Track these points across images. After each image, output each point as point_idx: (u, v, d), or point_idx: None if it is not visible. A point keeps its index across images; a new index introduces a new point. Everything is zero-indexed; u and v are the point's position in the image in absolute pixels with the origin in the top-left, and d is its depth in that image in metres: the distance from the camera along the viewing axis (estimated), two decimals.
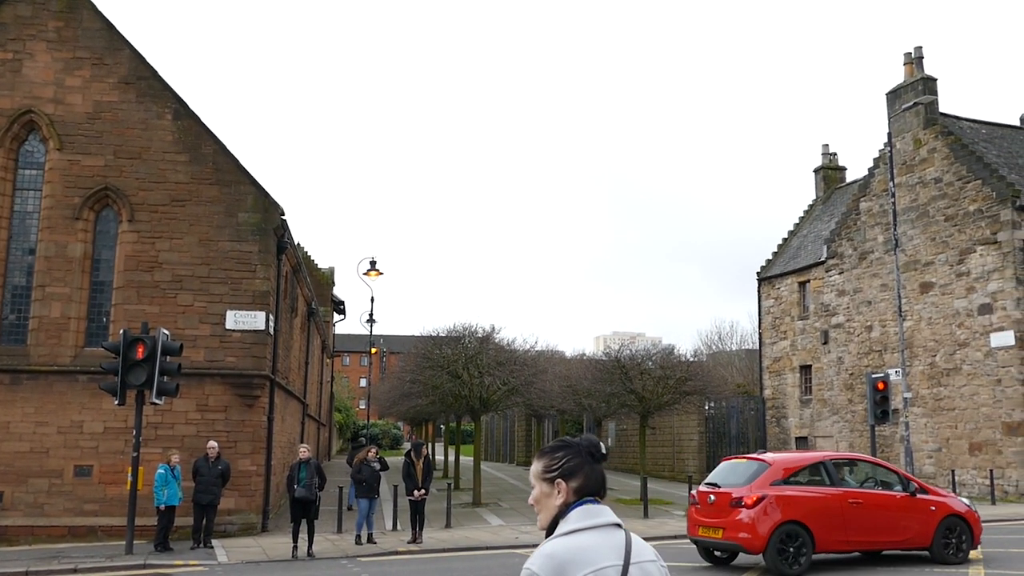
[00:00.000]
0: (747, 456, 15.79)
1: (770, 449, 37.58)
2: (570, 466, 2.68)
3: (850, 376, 33.33)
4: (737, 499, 13.57)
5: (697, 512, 14.40)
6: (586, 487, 2.66)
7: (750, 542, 13.35)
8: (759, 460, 14.52)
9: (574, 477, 2.67)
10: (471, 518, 22.45)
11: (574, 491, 2.66)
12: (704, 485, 14.74)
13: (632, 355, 27.39)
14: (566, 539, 2.53)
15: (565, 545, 2.51)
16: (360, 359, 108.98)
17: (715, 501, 13.97)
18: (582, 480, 2.67)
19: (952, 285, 29.08)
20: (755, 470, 14.12)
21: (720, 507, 13.82)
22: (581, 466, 2.68)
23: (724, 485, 14.23)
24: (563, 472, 2.67)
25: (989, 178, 28.17)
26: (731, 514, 13.56)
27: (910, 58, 31.61)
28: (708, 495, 14.18)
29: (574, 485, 2.66)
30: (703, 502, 14.26)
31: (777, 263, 39.75)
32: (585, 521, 2.58)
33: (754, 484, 13.71)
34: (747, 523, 13.30)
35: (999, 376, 27.23)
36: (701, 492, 14.47)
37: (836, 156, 42.46)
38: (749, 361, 60.29)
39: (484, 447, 59.57)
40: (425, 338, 28.52)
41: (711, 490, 14.26)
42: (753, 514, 13.31)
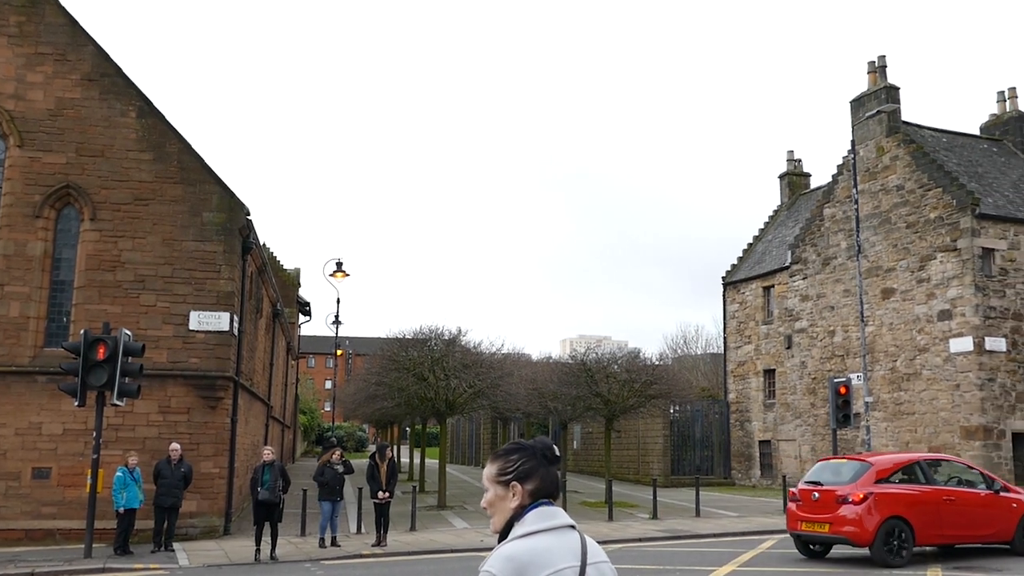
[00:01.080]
0: (847, 456, 17.57)
1: (734, 454, 37.91)
2: (525, 469, 2.69)
3: (813, 380, 33.69)
4: (844, 496, 14.61)
5: (799, 508, 15.39)
6: (541, 489, 2.68)
7: (858, 536, 14.44)
8: (862, 460, 15.76)
9: (529, 480, 2.68)
10: (436, 521, 22.39)
11: (529, 493, 2.67)
12: (804, 484, 15.82)
13: (598, 358, 27.47)
14: (524, 541, 2.54)
15: (524, 547, 2.52)
16: (326, 361, 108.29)
17: (819, 498, 15.03)
18: (537, 482, 2.68)
19: (913, 291, 29.50)
20: (858, 470, 15.22)
21: (825, 504, 14.87)
22: (536, 469, 2.69)
23: (827, 484, 15.30)
24: (518, 475, 2.68)
25: (949, 186, 28.62)
26: (838, 510, 14.62)
27: (874, 67, 32.05)
28: (811, 493, 15.24)
29: (529, 487, 2.67)
30: (806, 499, 15.29)
31: (742, 268, 40.11)
32: (542, 523, 2.59)
33: (859, 482, 14.79)
34: (854, 518, 14.41)
35: (958, 381, 27.66)
36: (803, 490, 15.51)
37: (801, 163, 42.99)
38: (714, 365, 60.82)
39: (450, 450, 59.42)
40: (391, 340, 28.41)
41: (814, 488, 15.31)
42: (860, 510, 14.41)
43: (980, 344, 27.25)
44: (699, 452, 38.03)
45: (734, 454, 38.10)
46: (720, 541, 18.46)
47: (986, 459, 26.68)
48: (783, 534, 19.39)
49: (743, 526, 20.77)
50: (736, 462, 37.99)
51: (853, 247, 29.41)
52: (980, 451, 26.79)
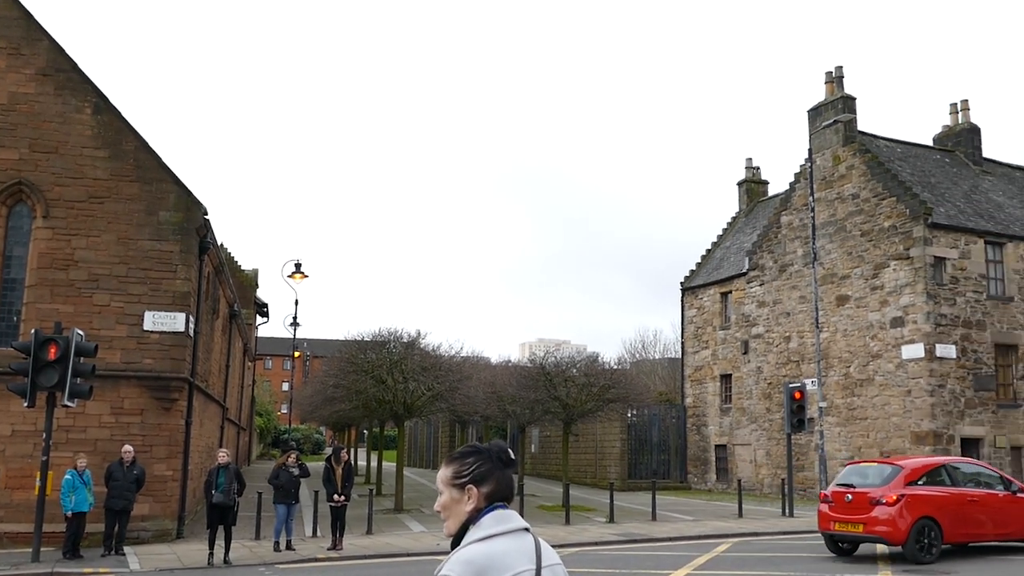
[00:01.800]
0: (877, 460, 18.78)
1: (690, 458, 38.23)
2: (481, 472, 2.69)
3: (768, 385, 34.09)
4: (877, 498, 15.52)
5: (832, 509, 16.23)
6: (497, 492, 2.68)
7: (892, 535, 15.36)
8: (892, 464, 16.69)
9: (485, 483, 2.68)
10: (393, 524, 22.29)
11: (485, 497, 2.67)
12: (836, 486, 16.63)
13: (557, 362, 27.56)
14: (482, 545, 2.55)
15: (482, 551, 2.52)
16: (283, 363, 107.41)
17: (853, 500, 15.89)
18: (493, 485, 2.68)
19: (867, 298, 29.98)
20: (890, 473, 16.16)
21: (859, 505, 15.75)
22: (492, 472, 2.70)
23: (859, 486, 16.19)
24: (474, 478, 2.68)
25: (903, 195, 29.14)
26: (871, 511, 15.52)
27: (831, 77, 32.54)
28: (844, 495, 16.07)
29: (485, 491, 2.67)
30: (839, 501, 16.13)
31: (701, 273, 40.47)
32: (498, 526, 2.59)
33: (891, 485, 15.73)
34: (888, 519, 15.33)
35: (909, 387, 28.15)
36: (836, 492, 16.33)
37: (759, 170, 43.50)
38: (671, 369, 61.23)
39: (407, 453, 59.22)
40: (350, 342, 28.24)
41: (847, 490, 16.15)
42: (893, 511, 15.34)
43: (931, 351, 27.76)
44: (656, 456, 38.28)
45: (690, 458, 38.41)
46: (675, 545, 18.59)
47: None
48: (737, 538, 19.62)
49: (698, 530, 20.93)
50: (692, 466, 38.30)
51: (809, 254, 29.82)
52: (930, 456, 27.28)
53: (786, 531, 21.06)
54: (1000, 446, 28.58)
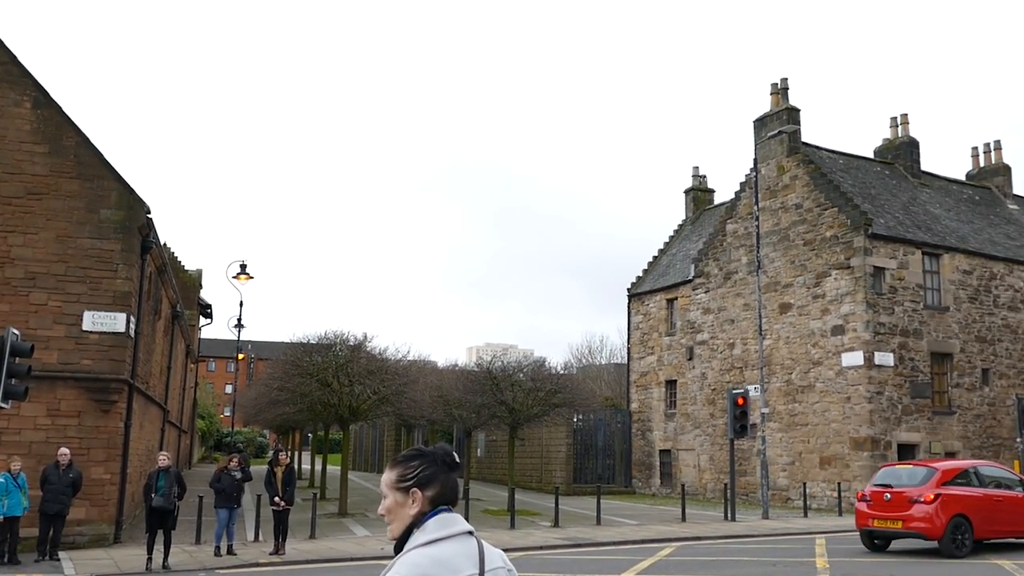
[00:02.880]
0: (912, 463, 20.56)
1: (635, 463, 38.51)
2: (426, 475, 2.69)
3: (712, 391, 34.51)
4: (916, 497, 16.92)
5: (870, 508, 17.58)
6: (441, 496, 2.68)
7: (930, 531, 16.76)
8: (926, 466, 18.30)
9: (430, 486, 2.67)
10: (336, 528, 22.10)
11: (429, 500, 2.66)
12: (874, 487, 17.97)
13: (504, 367, 27.60)
14: (427, 549, 2.54)
15: (427, 555, 2.52)
16: (227, 365, 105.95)
17: (891, 499, 17.25)
18: (438, 489, 2.68)
19: (809, 307, 30.53)
20: (925, 474, 17.63)
21: (898, 504, 17.12)
22: (437, 475, 2.69)
23: (896, 486, 17.54)
24: (419, 481, 2.68)
25: (845, 206, 29.74)
26: (909, 509, 16.91)
27: (776, 88, 33.10)
28: (883, 494, 17.43)
29: (430, 494, 2.67)
30: (877, 500, 17.48)
31: (647, 280, 40.85)
32: (443, 530, 2.59)
33: (928, 485, 17.13)
34: (926, 516, 16.72)
35: (849, 394, 28.72)
36: (875, 492, 17.67)
37: (706, 179, 44.09)
38: (617, 375, 61.68)
39: (353, 456, 58.80)
40: (295, 345, 27.96)
41: (885, 490, 17.51)
42: (931, 509, 16.73)
43: (870, 359, 28.36)
44: (601, 461, 38.51)
45: (635, 463, 38.71)
46: (619, 549, 18.71)
47: (873, 469, 27.70)
48: (681, 542, 19.81)
49: (642, 534, 21.10)
50: (637, 471, 38.60)
51: (753, 262, 30.27)
52: (868, 461, 27.84)
53: (728, 535, 21.32)
54: (935, 452, 29.28)
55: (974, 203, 36.76)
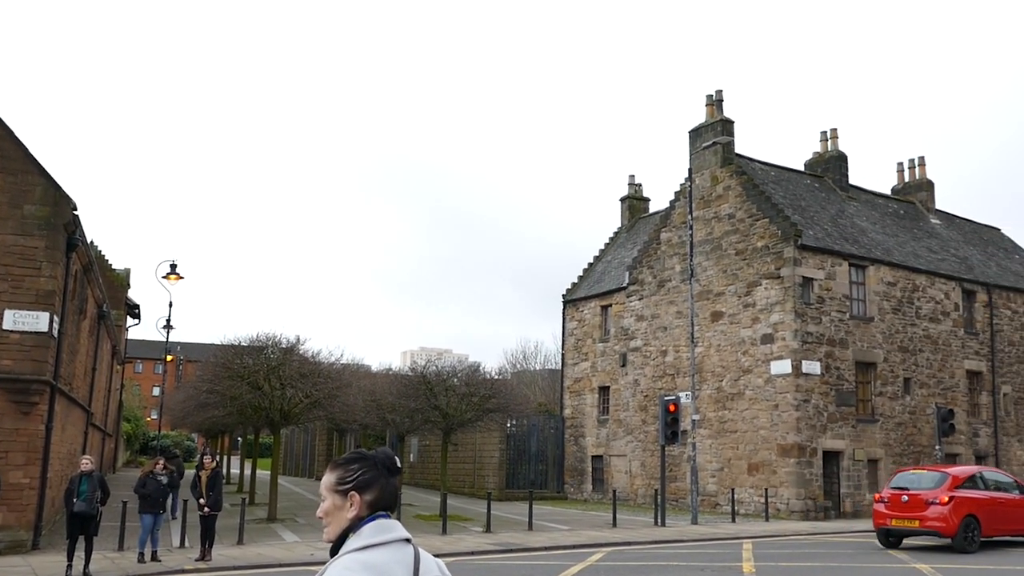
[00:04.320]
0: (926, 467, 22.60)
1: (568, 468, 38.69)
2: (365, 479, 2.66)
3: (645, 398, 34.86)
4: (932, 499, 18.89)
5: (888, 508, 19.50)
6: (380, 501, 2.65)
7: (945, 529, 18.68)
8: (939, 471, 20.33)
9: (369, 490, 2.65)
10: (265, 534, 21.76)
11: (367, 505, 2.64)
12: (891, 489, 19.99)
13: (438, 371, 27.49)
14: (361, 554, 2.52)
15: (360, 560, 2.50)
16: (155, 366, 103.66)
17: (909, 500, 19.19)
18: (376, 494, 2.66)
19: (740, 315, 31.06)
20: (939, 478, 19.64)
21: (914, 505, 19.07)
22: (376, 479, 2.67)
23: (912, 489, 19.53)
24: (358, 485, 2.65)
25: (776, 217, 30.34)
26: (926, 509, 18.85)
27: (711, 100, 33.64)
28: (900, 496, 19.40)
29: (368, 499, 2.64)
30: (895, 501, 19.43)
31: (582, 286, 41.13)
32: (379, 536, 2.57)
33: (942, 488, 19.10)
34: (941, 516, 18.65)
35: (777, 402, 29.28)
36: (892, 494, 19.64)
37: (641, 187, 44.58)
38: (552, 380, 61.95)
39: (283, 461, 58.01)
40: (226, 347, 27.45)
41: (902, 492, 19.49)
42: (945, 510, 18.67)
43: (798, 367, 28.96)
44: (534, 466, 38.62)
45: (568, 468, 38.91)
46: (550, 554, 18.77)
47: (799, 475, 28.35)
48: (611, 547, 19.96)
49: (573, 539, 21.20)
50: (569, 476, 38.80)
51: (687, 271, 30.69)
52: (794, 467, 28.42)
53: (658, 540, 21.54)
54: (858, 459, 30.03)
55: (899, 217, 37.85)
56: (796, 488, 28.31)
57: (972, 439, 34.06)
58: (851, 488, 29.73)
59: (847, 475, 29.71)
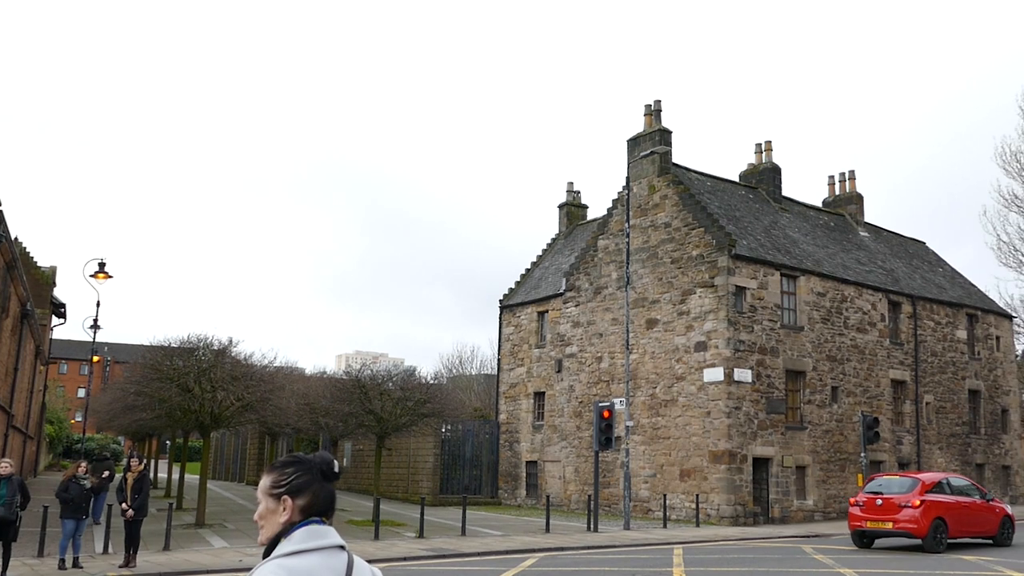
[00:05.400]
0: (899, 473, 24.39)
1: (502, 474, 38.66)
2: (299, 483, 2.62)
3: (580, 404, 35.05)
4: (905, 503, 20.52)
5: (863, 511, 21.17)
6: (313, 506, 2.61)
7: (917, 531, 20.29)
8: (911, 477, 21.89)
9: (302, 495, 2.61)
10: (193, 540, 21.32)
11: (300, 509, 2.60)
12: (866, 493, 21.59)
13: (373, 375, 27.28)
14: (288, 560, 2.47)
15: (286, 566, 2.45)
16: (80, 367, 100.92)
17: (883, 504, 20.83)
18: (309, 498, 2.61)
19: (674, 323, 31.42)
20: (911, 483, 21.24)
21: (888, 508, 20.72)
22: (310, 484, 2.63)
23: (886, 493, 21.12)
24: (291, 489, 2.61)
25: (711, 227, 30.80)
26: (899, 512, 20.49)
27: (650, 110, 34.03)
28: (875, 500, 21.06)
29: (301, 503, 2.60)
30: (870, 504, 21.08)
31: (520, 292, 41.22)
32: (309, 542, 2.52)
33: (914, 492, 20.70)
34: (913, 518, 20.29)
35: (709, 409, 29.68)
36: (868, 498, 21.25)
37: (580, 194, 44.90)
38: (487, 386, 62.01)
39: (213, 465, 56.96)
40: (155, 348, 26.84)
41: (877, 496, 21.12)
42: (917, 513, 20.31)
43: (730, 375, 29.41)
44: (468, 471, 38.55)
45: (502, 474, 38.91)
46: (483, 560, 18.75)
47: (730, 481, 28.77)
48: (544, 553, 20.01)
49: (506, 545, 21.20)
50: (503, 482, 38.81)
51: (623, 278, 30.95)
52: (725, 474, 28.83)
53: (591, 546, 21.66)
54: (787, 465, 30.60)
55: (829, 229, 38.73)
56: (726, 494, 28.72)
57: (896, 446, 34.98)
58: (779, 494, 30.28)
59: (776, 481, 30.26)
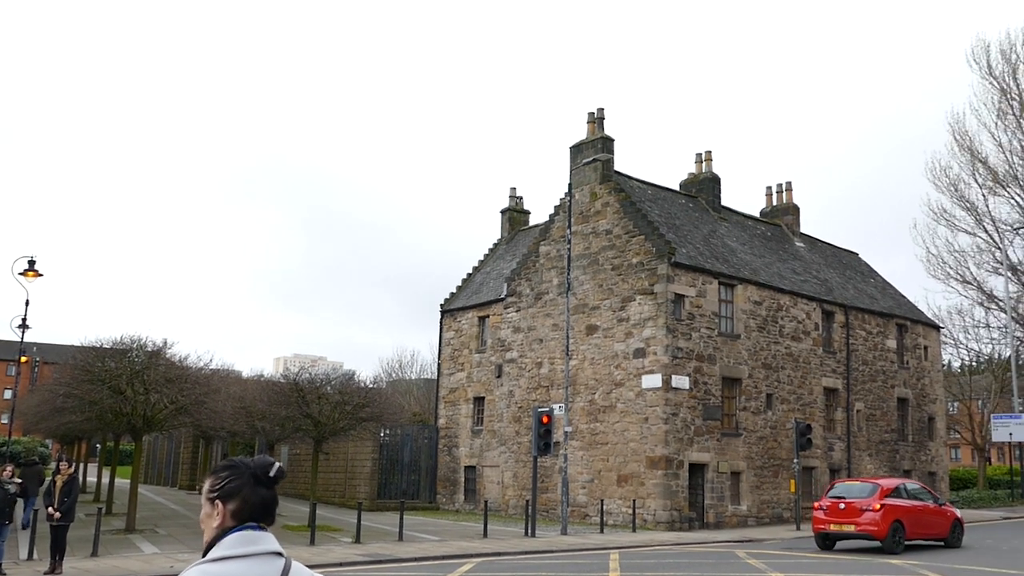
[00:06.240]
0: (859, 479, 25.67)
1: (440, 479, 38.53)
2: (230, 488, 2.58)
3: (519, 409, 35.11)
4: (866, 507, 21.82)
5: (827, 515, 22.41)
6: (244, 511, 2.57)
7: (877, 533, 21.58)
8: (871, 482, 23.33)
9: (232, 499, 2.57)
10: (123, 546, 20.84)
11: (231, 514, 2.56)
12: (829, 498, 22.87)
13: (311, 379, 27.00)
14: (211, 566, 2.43)
15: (208, 572, 2.41)
16: (8, 368, 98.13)
17: (846, 508, 22.10)
18: (239, 504, 2.57)
19: (614, 329, 31.67)
20: (871, 489, 22.55)
21: (851, 512, 21.99)
22: (241, 488, 2.59)
23: (848, 497, 22.43)
24: (222, 493, 2.58)
25: (651, 235, 31.12)
26: (861, 515, 21.75)
27: (593, 117, 34.28)
28: (838, 504, 22.33)
29: (232, 508, 2.56)
30: (833, 508, 22.33)
31: (461, 296, 41.16)
32: (238, 548, 2.48)
33: (874, 497, 22.06)
34: (874, 521, 21.59)
35: (647, 415, 29.96)
36: (830, 503, 22.52)
37: (522, 200, 45.02)
38: (427, 390, 61.81)
39: (145, 469, 55.80)
40: (87, 348, 26.24)
41: (840, 500, 22.42)
42: (877, 516, 21.59)
43: (668, 381, 29.72)
44: (406, 476, 38.35)
45: (440, 479, 38.78)
46: (420, 565, 18.67)
47: (666, 486, 29.07)
48: (481, 558, 19.99)
49: (443, 550, 21.13)
50: (442, 487, 38.68)
51: (564, 284, 31.10)
52: (661, 479, 29.12)
53: (528, 551, 21.70)
54: (722, 471, 31.03)
55: (766, 239, 39.43)
56: (663, 499, 29.01)
57: (827, 453, 35.70)
58: (715, 499, 30.69)
59: (711, 487, 30.65)
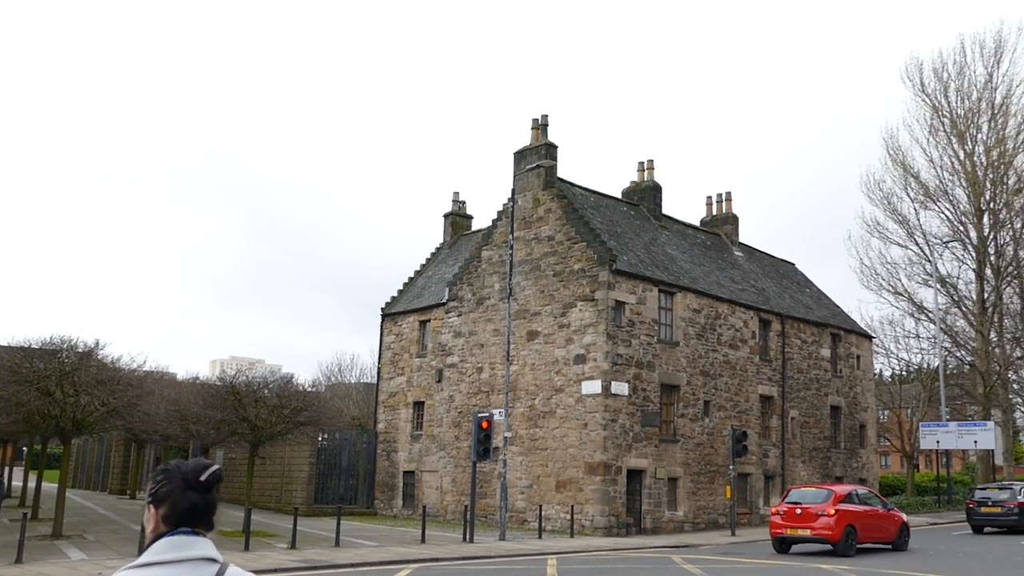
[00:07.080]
0: (814, 486, 26.87)
1: (379, 484, 38.20)
2: (161, 492, 2.54)
3: (459, 414, 35.03)
4: (821, 512, 22.77)
5: (783, 520, 23.43)
6: (172, 516, 2.51)
7: (831, 537, 22.58)
8: (826, 488, 24.45)
9: (162, 504, 2.52)
10: (49, 552, 20.27)
11: (162, 519, 2.51)
12: (786, 503, 23.90)
13: (248, 381, 26.59)
14: (135, 572, 2.39)
15: None
16: None
17: (802, 513, 23.03)
18: (167, 508, 2.52)
19: (555, 335, 31.80)
20: (826, 495, 23.56)
21: (806, 517, 22.96)
22: (170, 493, 2.53)
23: (804, 503, 23.34)
24: (154, 498, 2.54)
25: (593, 242, 31.33)
26: (816, 520, 22.76)
27: (537, 124, 34.41)
28: (795, 509, 23.28)
29: (161, 513, 2.52)
30: (790, 513, 23.32)
31: (402, 300, 40.96)
32: (166, 554, 2.43)
33: (829, 503, 23.01)
34: (828, 525, 22.61)
35: (586, 421, 30.12)
36: (788, 508, 23.52)
37: (465, 204, 45.03)
38: (367, 394, 61.33)
39: (74, 473, 54.43)
40: (14, 349, 25.47)
41: (796, 506, 23.38)
42: (832, 521, 22.63)
43: (607, 388, 29.93)
44: (344, 481, 37.99)
45: (379, 484, 38.50)
46: (357, 571, 18.49)
47: (604, 492, 29.25)
48: (419, 564, 19.88)
49: (381, 556, 20.96)
50: (380, 492, 38.40)
51: (505, 289, 31.14)
52: (600, 485, 29.29)
53: (466, 556, 21.63)
54: (660, 477, 31.32)
55: (706, 247, 39.98)
56: (601, 505, 29.17)
57: (762, 459, 36.28)
58: (652, 505, 30.96)
59: (649, 493, 30.92)
